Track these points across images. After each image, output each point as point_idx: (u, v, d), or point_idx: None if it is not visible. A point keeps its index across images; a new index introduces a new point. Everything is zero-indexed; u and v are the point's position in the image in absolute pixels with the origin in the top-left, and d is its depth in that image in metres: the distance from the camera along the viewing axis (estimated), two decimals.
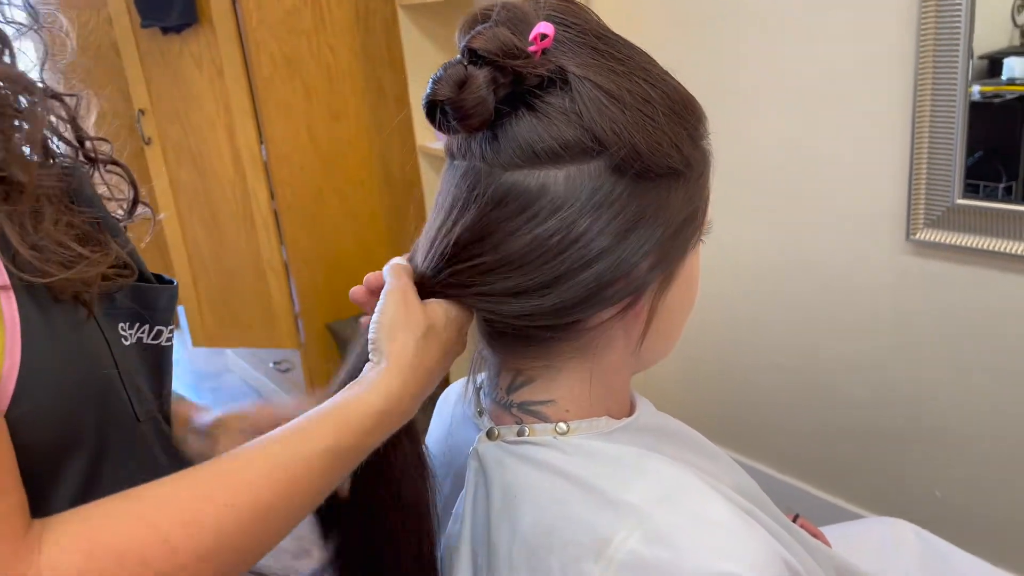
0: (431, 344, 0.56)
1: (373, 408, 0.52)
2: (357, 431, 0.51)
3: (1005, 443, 1.45)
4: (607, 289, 0.54)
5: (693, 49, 1.69)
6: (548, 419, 0.60)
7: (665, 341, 0.63)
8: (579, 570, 0.52)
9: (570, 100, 0.52)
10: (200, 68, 2.22)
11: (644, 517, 0.52)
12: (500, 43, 0.52)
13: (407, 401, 0.55)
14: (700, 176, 0.57)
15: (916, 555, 0.94)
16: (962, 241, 1.38)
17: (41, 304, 0.50)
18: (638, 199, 0.53)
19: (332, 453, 0.50)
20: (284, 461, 0.48)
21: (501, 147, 0.53)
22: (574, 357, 0.59)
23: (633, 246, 0.53)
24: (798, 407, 1.77)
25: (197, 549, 0.43)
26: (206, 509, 0.45)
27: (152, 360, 0.63)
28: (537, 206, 0.52)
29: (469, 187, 0.55)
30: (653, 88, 0.53)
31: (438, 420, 0.76)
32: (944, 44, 1.31)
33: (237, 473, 0.47)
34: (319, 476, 0.49)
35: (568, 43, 0.54)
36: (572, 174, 0.52)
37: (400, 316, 0.55)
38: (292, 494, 0.48)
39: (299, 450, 0.49)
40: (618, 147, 0.51)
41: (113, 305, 0.58)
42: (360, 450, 0.52)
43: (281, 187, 2.25)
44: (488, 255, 0.54)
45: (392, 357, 0.54)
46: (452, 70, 0.53)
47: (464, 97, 0.52)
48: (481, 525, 0.60)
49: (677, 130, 0.54)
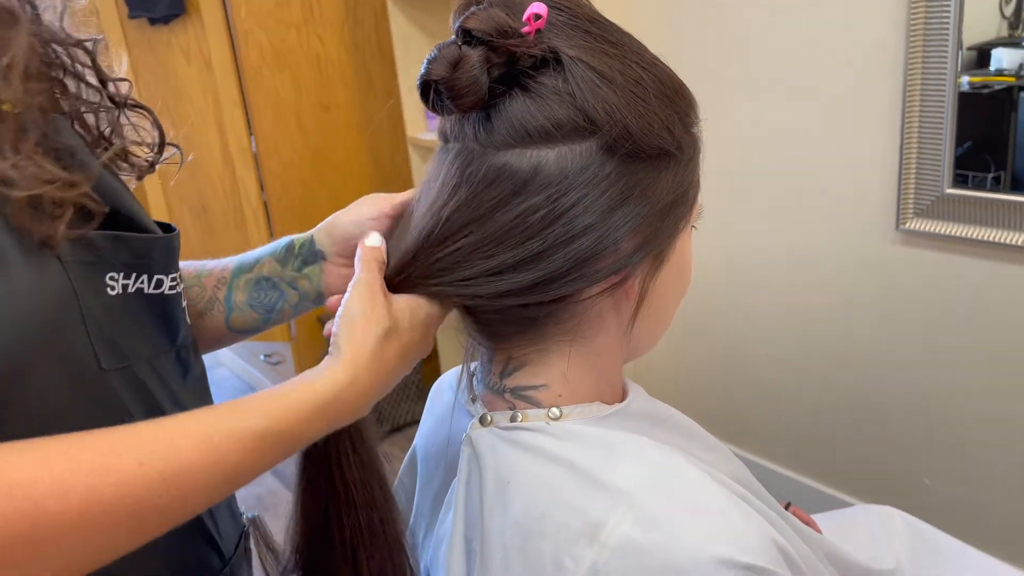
0: (390, 343, 0.55)
1: (316, 397, 0.51)
2: (294, 418, 0.50)
3: (993, 431, 1.46)
4: (591, 265, 0.55)
5: (681, 38, 1.69)
6: (541, 404, 0.60)
7: (656, 325, 0.64)
8: (572, 555, 0.52)
9: (563, 80, 0.53)
10: (188, 59, 2.21)
11: (637, 502, 0.52)
12: (494, 23, 0.53)
13: (354, 397, 0.53)
14: (690, 160, 0.58)
15: (905, 542, 0.95)
16: (951, 231, 1.39)
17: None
18: (627, 178, 0.54)
19: (263, 434, 0.48)
20: (211, 432, 0.47)
21: (494, 127, 0.54)
22: (565, 340, 0.59)
23: (618, 223, 0.54)
24: (788, 396, 1.78)
25: (90, 497, 0.41)
26: (113, 464, 0.43)
27: (158, 309, 0.62)
28: (529, 186, 0.53)
29: (461, 168, 0.55)
30: (645, 71, 0.54)
31: (430, 411, 0.76)
32: (934, 35, 1.31)
33: (159, 436, 0.46)
34: (245, 454, 0.48)
35: (561, 25, 0.54)
36: (563, 153, 0.53)
37: (363, 311, 0.55)
38: (211, 466, 0.46)
39: (230, 425, 0.48)
40: (610, 127, 0.52)
41: (97, 254, 0.56)
42: (296, 436, 0.51)
43: (271, 179, 2.24)
44: (475, 234, 0.55)
45: (347, 351, 0.53)
46: (446, 50, 0.54)
47: (458, 77, 0.52)
48: (475, 511, 0.60)
49: (668, 113, 0.55)
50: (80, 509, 0.41)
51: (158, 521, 0.45)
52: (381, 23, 2.28)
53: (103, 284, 0.57)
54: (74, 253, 0.54)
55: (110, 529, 0.42)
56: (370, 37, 2.32)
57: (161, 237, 0.62)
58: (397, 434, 2.50)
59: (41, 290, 0.52)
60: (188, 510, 0.46)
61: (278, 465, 0.60)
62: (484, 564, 0.57)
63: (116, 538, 0.43)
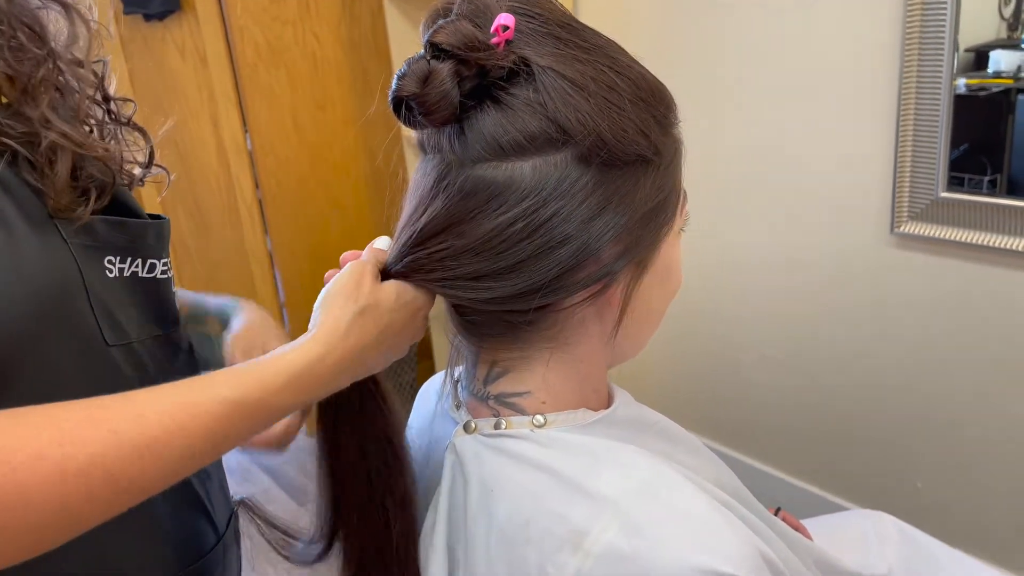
0: (367, 321, 0.55)
1: (287, 367, 0.51)
2: (264, 388, 0.50)
3: (986, 435, 1.46)
4: (573, 274, 0.54)
5: (677, 42, 1.68)
6: (525, 411, 0.60)
7: (640, 331, 0.63)
8: (557, 562, 0.52)
9: (534, 91, 0.52)
10: (183, 56, 2.20)
11: (622, 510, 0.52)
12: (462, 37, 0.52)
13: (326, 371, 0.54)
14: (670, 163, 0.57)
15: (897, 548, 0.95)
16: (946, 234, 1.39)
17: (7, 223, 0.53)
18: (604, 186, 0.53)
19: (233, 403, 0.49)
20: (182, 401, 0.48)
21: (468, 141, 0.53)
22: (548, 347, 0.59)
23: (598, 232, 0.53)
24: (782, 399, 1.78)
25: (64, 463, 0.42)
26: (88, 434, 0.44)
27: (151, 293, 0.66)
28: (503, 197, 0.52)
29: (437, 179, 0.55)
30: (619, 76, 0.53)
31: (416, 415, 0.76)
32: (929, 37, 1.31)
33: (133, 406, 0.47)
34: (217, 423, 0.48)
35: (531, 33, 0.53)
36: (539, 165, 0.52)
37: (345, 289, 0.56)
38: (184, 435, 0.47)
39: (202, 394, 0.48)
40: (583, 136, 0.52)
41: (97, 238, 0.60)
42: (266, 406, 0.51)
43: (266, 176, 2.24)
44: (452, 242, 0.55)
45: (322, 325, 0.54)
46: (416, 65, 0.53)
47: (428, 92, 0.52)
48: (459, 519, 0.60)
49: (644, 117, 0.54)
50: (56, 478, 0.42)
51: (134, 489, 0.46)
52: (377, 21, 2.27)
53: (103, 267, 0.61)
54: (78, 236, 0.58)
55: (87, 498, 0.43)
56: (366, 35, 2.31)
57: (154, 222, 0.66)
58: None
59: (51, 267, 0.56)
60: (163, 479, 0.47)
61: (273, 463, 0.61)
62: (469, 571, 0.57)
63: (94, 506, 0.44)
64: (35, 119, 0.57)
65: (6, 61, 0.56)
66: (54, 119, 0.57)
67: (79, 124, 0.60)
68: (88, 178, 0.59)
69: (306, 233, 2.34)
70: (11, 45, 0.56)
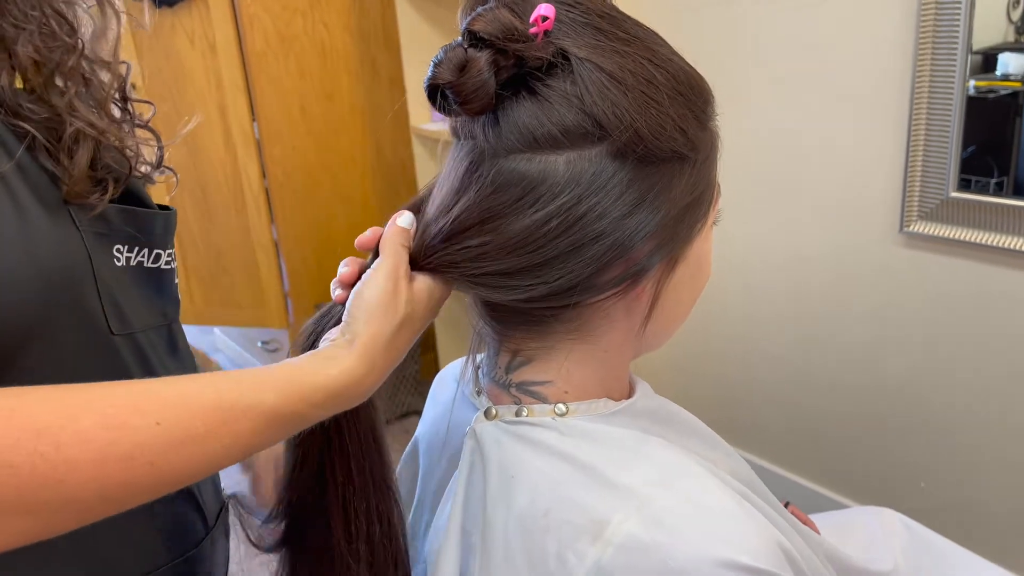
0: (406, 331, 0.55)
1: (330, 384, 0.51)
2: (306, 401, 0.50)
3: (992, 436, 1.46)
4: (605, 272, 0.54)
5: (688, 37, 1.68)
6: (547, 400, 0.60)
7: (668, 324, 0.63)
8: (576, 551, 0.52)
9: (571, 83, 0.51)
10: (192, 43, 2.19)
11: (643, 500, 0.52)
12: (501, 25, 0.51)
13: (367, 385, 0.53)
14: (706, 159, 0.56)
15: (903, 543, 0.95)
16: (954, 234, 1.39)
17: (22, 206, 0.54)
18: (640, 183, 0.52)
19: (273, 414, 0.49)
20: (225, 403, 0.48)
21: (503, 132, 0.52)
22: (573, 338, 0.59)
23: (632, 229, 0.52)
24: (788, 397, 1.78)
25: (108, 448, 0.43)
26: (134, 420, 0.44)
27: (155, 283, 0.66)
28: (536, 192, 0.52)
29: (470, 169, 0.54)
30: (658, 69, 0.53)
31: (432, 401, 0.76)
32: (943, 38, 1.31)
33: (177, 398, 0.47)
34: (254, 430, 0.48)
35: (571, 23, 0.53)
36: (573, 159, 0.51)
37: (384, 299, 0.54)
38: (221, 436, 0.47)
39: (244, 399, 0.48)
40: (620, 131, 0.51)
41: (108, 226, 0.60)
42: (304, 419, 0.51)
43: (273, 165, 2.23)
44: (484, 237, 0.54)
45: (365, 340, 0.53)
46: (452, 53, 0.52)
47: (464, 81, 0.51)
48: (476, 504, 0.60)
49: (682, 112, 0.53)
50: (99, 460, 0.42)
51: (170, 480, 0.46)
52: (387, 11, 2.26)
53: (111, 255, 0.61)
54: (91, 224, 0.58)
55: (126, 484, 0.44)
56: (376, 26, 2.31)
57: (163, 213, 0.67)
58: (394, 425, 2.50)
59: (61, 252, 0.56)
60: (197, 473, 0.48)
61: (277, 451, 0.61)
62: (486, 557, 0.57)
63: (131, 493, 0.45)
64: (61, 106, 0.57)
65: (35, 47, 0.56)
66: (80, 107, 0.58)
67: (103, 114, 0.60)
68: (105, 168, 0.59)
69: (312, 222, 2.33)
70: (42, 31, 0.57)
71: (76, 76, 0.59)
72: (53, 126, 0.57)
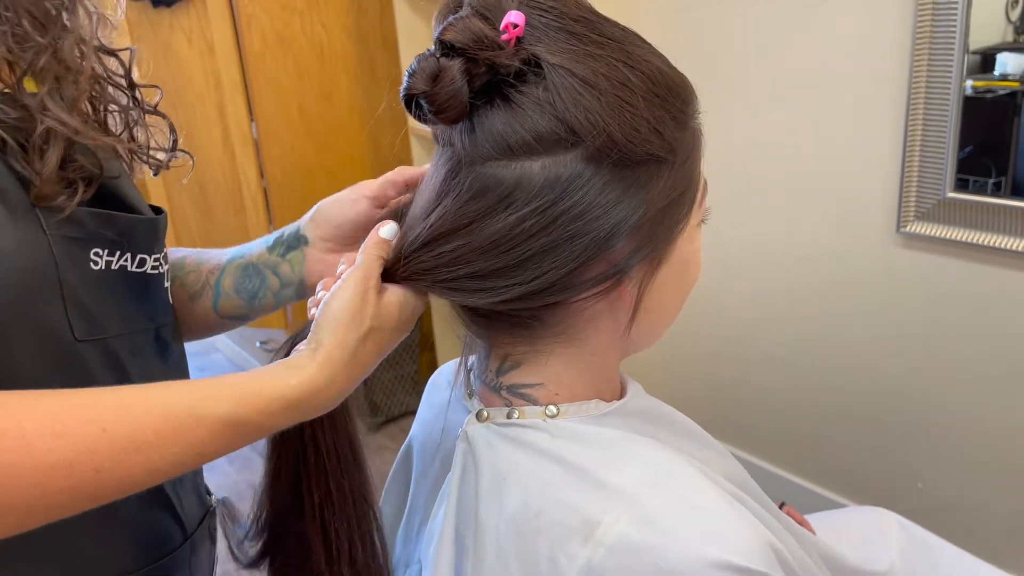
0: (371, 344, 0.55)
1: (288, 394, 0.51)
2: (262, 410, 0.50)
3: (989, 436, 1.46)
4: (582, 273, 0.53)
5: (684, 38, 1.68)
6: (538, 402, 0.60)
7: (654, 325, 0.62)
8: (567, 553, 0.52)
9: (544, 89, 0.51)
10: (191, 43, 2.19)
11: (634, 501, 0.52)
12: (471, 34, 0.51)
13: (328, 396, 0.53)
14: (687, 160, 0.56)
15: (899, 544, 0.95)
16: (952, 234, 1.39)
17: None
18: (615, 186, 0.52)
19: (228, 422, 0.49)
20: (178, 411, 0.47)
21: (478, 139, 0.52)
22: (559, 342, 0.59)
23: (608, 231, 0.52)
24: (785, 397, 1.78)
25: (50, 456, 0.43)
26: (79, 428, 0.44)
27: (139, 287, 0.65)
28: (512, 197, 0.52)
29: (448, 176, 0.54)
30: (633, 71, 0.52)
31: (427, 403, 0.76)
32: (940, 38, 1.31)
33: (128, 405, 0.47)
34: (209, 439, 0.48)
35: (544, 28, 0.52)
36: (548, 165, 0.51)
37: (351, 309, 0.54)
38: (172, 444, 0.47)
39: (199, 407, 0.48)
40: (593, 137, 0.50)
41: (83, 230, 0.59)
42: (261, 427, 0.51)
43: (271, 165, 2.23)
44: (460, 241, 0.54)
45: (328, 351, 0.53)
46: (425, 63, 0.53)
47: (438, 91, 0.51)
48: (469, 507, 0.60)
49: (658, 114, 0.53)
50: (42, 466, 0.42)
51: (117, 488, 0.46)
52: (386, 12, 2.26)
53: (87, 259, 0.59)
54: (60, 227, 0.57)
55: (70, 490, 0.44)
56: (374, 25, 2.31)
57: (144, 218, 0.64)
58: (391, 425, 2.50)
59: (21, 258, 0.54)
60: (147, 480, 0.48)
61: None
62: (478, 560, 0.57)
63: (75, 498, 0.45)
64: (33, 105, 0.56)
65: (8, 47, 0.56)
66: (52, 106, 0.57)
67: (75, 113, 0.59)
68: (77, 169, 0.58)
69: None
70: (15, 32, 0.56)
71: (48, 75, 0.58)
72: (26, 126, 0.56)
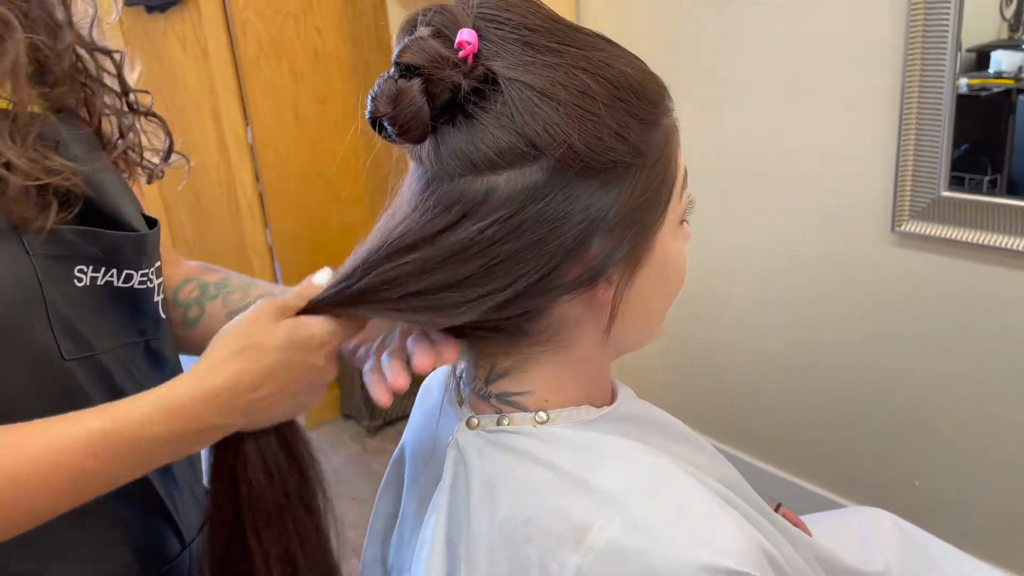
0: (244, 360, 0.54)
1: (155, 400, 0.51)
2: (134, 420, 0.50)
3: (984, 434, 1.46)
4: (552, 280, 0.53)
5: (676, 37, 1.68)
6: (527, 408, 0.59)
7: (639, 328, 0.62)
8: (558, 560, 0.52)
9: (502, 104, 0.51)
10: (185, 48, 2.19)
11: (623, 506, 0.52)
12: (427, 55, 0.51)
13: (198, 407, 0.52)
14: (656, 161, 0.55)
15: (895, 544, 0.95)
16: (946, 233, 1.39)
17: None
18: (583, 192, 0.51)
19: (102, 433, 0.49)
20: (56, 433, 0.48)
21: (443, 157, 0.52)
22: (546, 349, 0.58)
23: (576, 237, 0.52)
24: (781, 397, 1.78)
25: None
26: None
27: (126, 302, 0.64)
28: (477, 210, 0.51)
29: (419, 190, 0.54)
30: (593, 78, 0.51)
31: (418, 409, 0.75)
32: (933, 36, 1.31)
33: (14, 439, 0.48)
34: (87, 457, 0.49)
35: (500, 42, 0.52)
36: (512, 178, 0.51)
37: (236, 327, 0.54)
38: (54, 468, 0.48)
39: (73, 426, 0.49)
40: (553, 148, 0.50)
41: (67, 248, 0.58)
42: (136, 439, 0.51)
43: (266, 170, 2.23)
44: (425, 252, 0.53)
45: (201, 362, 0.53)
46: (386, 85, 0.52)
47: (399, 112, 0.51)
48: (460, 514, 0.59)
49: (622, 118, 0.52)
50: None
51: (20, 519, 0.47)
52: (380, 15, 2.26)
53: (71, 276, 0.59)
54: (44, 247, 0.56)
55: None
56: (368, 29, 2.31)
57: (131, 235, 0.64)
58: (389, 428, 2.50)
59: (5, 281, 0.54)
60: (37, 513, 0.48)
61: None
62: (470, 567, 0.57)
63: None
64: None
65: None
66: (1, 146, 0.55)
67: (33, 149, 0.57)
68: (53, 191, 0.57)
69: (306, 227, 2.33)
70: None
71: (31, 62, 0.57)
72: None
